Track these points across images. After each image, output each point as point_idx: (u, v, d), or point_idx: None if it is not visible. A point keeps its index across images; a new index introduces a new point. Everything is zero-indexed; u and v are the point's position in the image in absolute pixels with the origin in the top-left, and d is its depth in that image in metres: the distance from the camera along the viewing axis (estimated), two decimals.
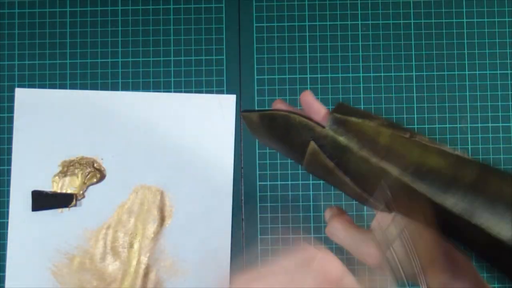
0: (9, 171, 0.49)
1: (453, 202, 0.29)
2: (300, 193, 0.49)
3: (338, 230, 0.31)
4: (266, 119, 0.34)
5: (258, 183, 0.49)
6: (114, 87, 0.50)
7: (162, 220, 0.49)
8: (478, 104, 0.50)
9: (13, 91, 0.50)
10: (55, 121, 0.49)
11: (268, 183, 0.49)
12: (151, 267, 0.48)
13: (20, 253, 0.48)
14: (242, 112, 0.37)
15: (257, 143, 0.50)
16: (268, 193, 0.49)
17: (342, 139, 0.30)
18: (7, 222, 0.49)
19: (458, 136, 0.49)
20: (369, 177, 0.31)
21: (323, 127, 0.31)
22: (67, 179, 0.49)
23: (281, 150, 0.36)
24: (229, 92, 0.50)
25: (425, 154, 0.30)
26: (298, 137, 0.32)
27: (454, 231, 0.30)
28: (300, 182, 0.49)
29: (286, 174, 0.49)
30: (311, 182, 0.49)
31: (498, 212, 0.28)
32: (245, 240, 0.49)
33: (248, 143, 0.50)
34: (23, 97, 0.50)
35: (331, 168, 0.32)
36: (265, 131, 0.35)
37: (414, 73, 0.50)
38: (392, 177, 0.30)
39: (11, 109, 0.50)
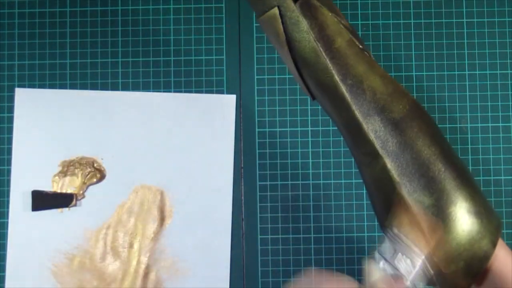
0: (9, 171, 0.49)
1: (373, 128, 0.30)
2: (300, 193, 0.49)
3: None
4: None
5: (258, 183, 0.49)
6: (114, 87, 0.50)
7: (162, 220, 0.49)
8: (478, 104, 0.50)
9: (13, 91, 0.50)
10: (55, 121, 0.49)
11: (268, 183, 0.49)
12: (151, 267, 0.48)
13: (20, 253, 0.48)
14: None
15: (257, 143, 0.50)
16: (268, 193, 0.49)
17: (304, 22, 0.32)
18: (7, 222, 0.49)
19: (458, 136, 0.49)
20: (310, 66, 0.32)
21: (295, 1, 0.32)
22: (67, 179, 0.49)
23: None
24: (229, 92, 0.50)
25: (369, 72, 0.32)
26: None
27: (356, 143, 0.32)
28: (300, 182, 0.49)
29: (286, 174, 0.49)
30: (311, 182, 0.49)
31: (403, 162, 0.29)
32: (245, 240, 0.49)
33: (248, 143, 0.50)
34: (23, 97, 0.50)
35: (281, 39, 0.33)
36: None
37: (414, 73, 0.50)
38: (330, 75, 0.31)
39: (11, 109, 0.50)
